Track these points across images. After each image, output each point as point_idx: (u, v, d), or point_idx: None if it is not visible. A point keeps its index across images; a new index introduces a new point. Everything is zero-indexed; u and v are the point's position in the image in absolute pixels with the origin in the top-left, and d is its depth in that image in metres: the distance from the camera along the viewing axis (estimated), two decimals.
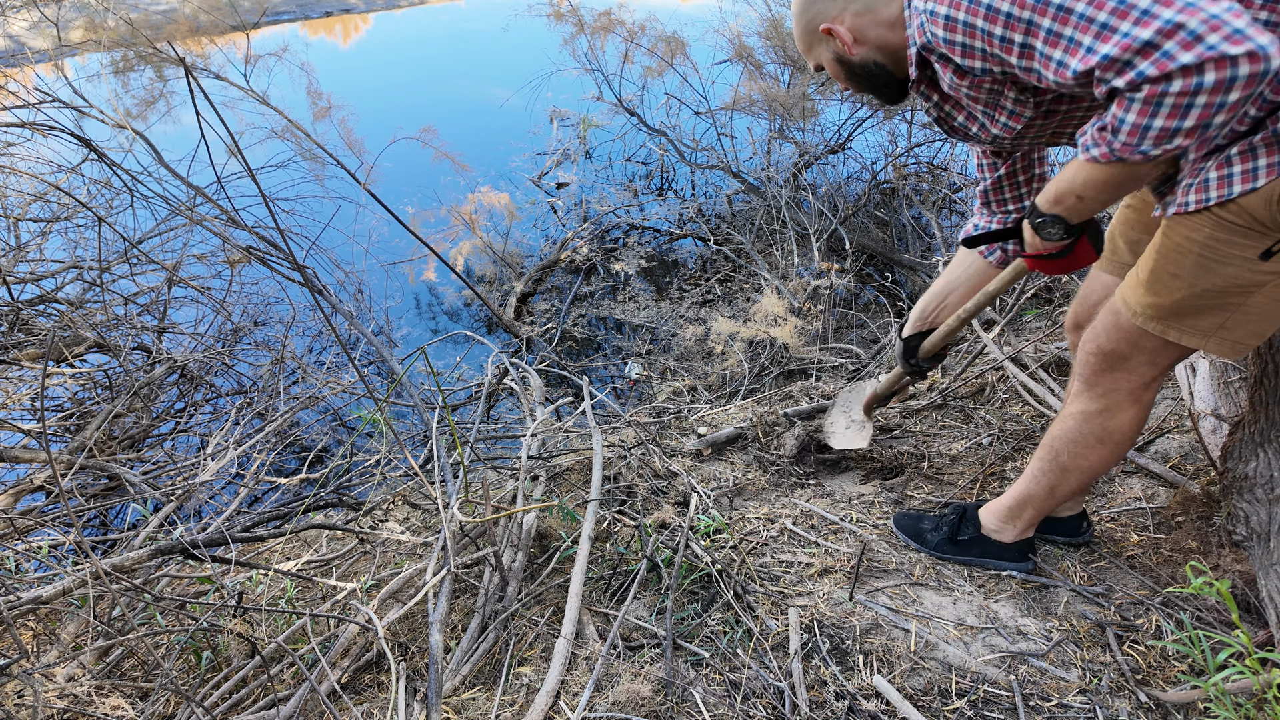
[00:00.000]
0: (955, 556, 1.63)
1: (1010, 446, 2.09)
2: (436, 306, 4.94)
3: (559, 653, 1.43)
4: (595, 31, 6.18)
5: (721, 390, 3.66)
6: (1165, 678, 1.31)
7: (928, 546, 1.67)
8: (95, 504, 2.58)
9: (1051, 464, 1.43)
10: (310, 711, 1.44)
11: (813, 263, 4.70)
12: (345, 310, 3.63)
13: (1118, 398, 1.32)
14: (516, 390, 2.74)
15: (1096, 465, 1.40)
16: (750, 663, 1.40)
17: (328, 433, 3.43)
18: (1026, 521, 1.54)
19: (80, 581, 1.34)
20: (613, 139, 6.69)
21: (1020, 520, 1.54)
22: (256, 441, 2.68)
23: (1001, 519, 1.57)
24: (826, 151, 5.90)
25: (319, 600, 1.87)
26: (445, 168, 5.63)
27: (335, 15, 12.59)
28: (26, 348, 3.12)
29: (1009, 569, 1.58)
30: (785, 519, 1.89)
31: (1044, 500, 1.48)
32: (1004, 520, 1.56)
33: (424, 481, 1.74)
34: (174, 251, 4.15)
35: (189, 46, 5.41)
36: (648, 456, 2.27)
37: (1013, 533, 1.56)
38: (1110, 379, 1.31)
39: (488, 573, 1.70)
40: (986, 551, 1.60)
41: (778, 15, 6.00)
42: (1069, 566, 1.60)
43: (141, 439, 3.13)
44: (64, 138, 3.87)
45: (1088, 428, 1.36)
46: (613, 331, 4.54)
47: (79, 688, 1.40)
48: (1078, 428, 1.37)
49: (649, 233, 5.63)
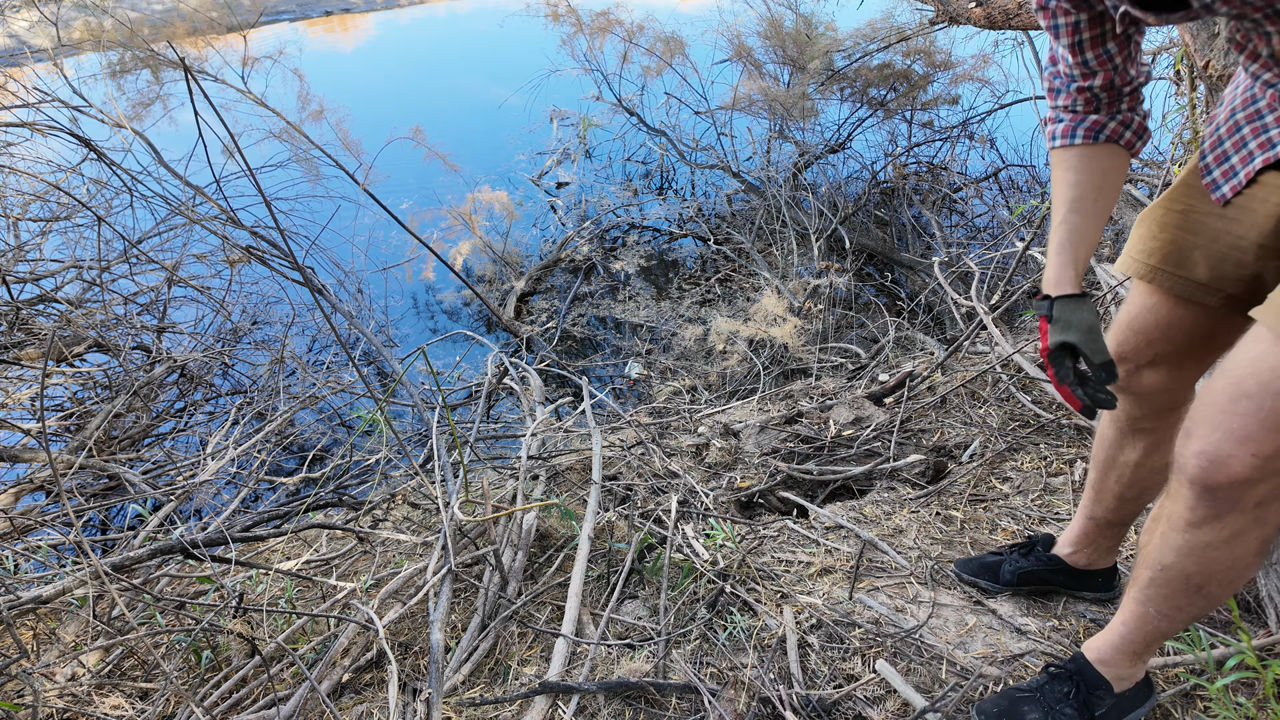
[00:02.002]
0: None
1: (1008, 445, 2.10)
2: (436, 306, 4.94)
3: (559, 652, 1.43)
4: (593, 31, 6.18)
5: (721, 390, 3.66)
6: (1165, 678, 1.31)
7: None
8: (95, 504, 2.58)
9: (1192, 596, 1.03)
10: (310, 711, 1.44)
11: (813, 262, 4.70)
12: (345, 310, 3.63)
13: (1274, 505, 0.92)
14: (516, 390, 2.74)
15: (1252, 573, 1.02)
16: (749, 661, 1.40)
17: (327, 432, 3.43)
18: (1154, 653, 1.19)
19: (80, 581, 1.34)
20: (612, 139, 6.69)
21: (1150, 655, 1.17)
22: (256, 441, 2.68)
23: (1128, 664, 1.17)
24: (826, 151, 5.90)
25: (319, 600, 1.87)
26: (444, 168, 5.63)
27: (335, 15, 12.59)
28: (26, 347, 3.12)
29: (1143, 712, 1.21)
30: (785, 519, 1.89)
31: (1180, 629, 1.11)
32: (1131, 664, 1.17)
33: (424, 481, 1.74)
34: (174, 251, 4.15)
35: (188, 46, 5.41)
36: (648, 456, 2.27)
37: (1142, 670, 1.19)
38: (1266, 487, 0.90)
39: (488, 572, 1.70)
40: (1124, 710, 1.18)
41: (777, 15, 6.01)
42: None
43: (141, 439, 3.13)
44: (63, 137, 3.87)
45: (1240, 549, 0.96)
46: (612, 331, 4.54)
47: (79, 688, 1.40)
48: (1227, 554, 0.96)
49: (649, 232, 5.63)
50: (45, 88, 4.12)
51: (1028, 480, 1.97)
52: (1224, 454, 0.88)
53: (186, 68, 1.45)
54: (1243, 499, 0.91)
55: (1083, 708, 1.16)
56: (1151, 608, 1.07)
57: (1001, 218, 4.85)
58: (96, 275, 3.61)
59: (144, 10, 7.45)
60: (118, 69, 5.31)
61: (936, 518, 1.87)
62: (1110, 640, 1.16)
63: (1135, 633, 1.12)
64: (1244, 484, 0.89)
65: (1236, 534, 0.94)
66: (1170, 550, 1.00)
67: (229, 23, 5.65)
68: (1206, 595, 1.02)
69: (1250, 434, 0.86)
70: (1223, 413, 0.88)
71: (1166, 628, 1.09)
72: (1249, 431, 0.86)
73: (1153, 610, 1.07)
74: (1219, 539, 0.95)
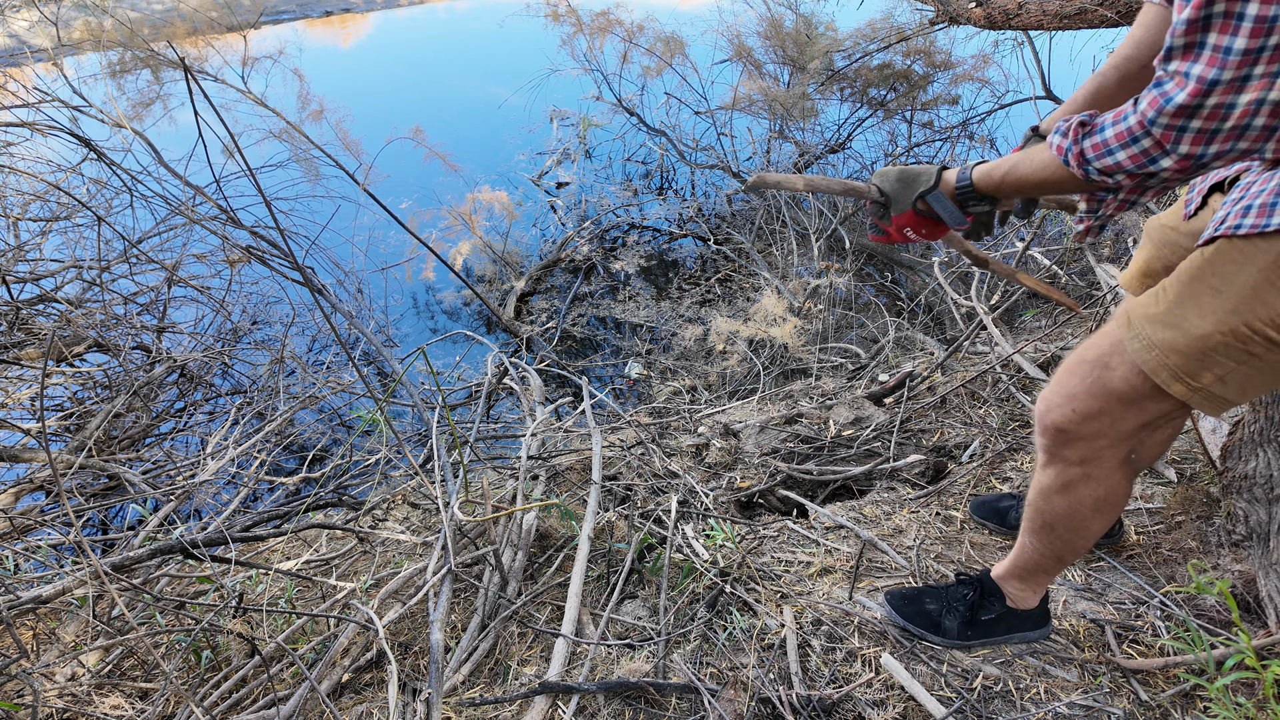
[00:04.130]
0: (984, 641, 1.39)
1: (1008, 445, 2.10)
2: (436, 306, 4.94)
3: (559, 652, 1.43)
4: (593, 31, 6.18)
5: (721, 390, 3.66)
6: (1165, 677, 1.31)
7: (949, 638, 1.40)
8: (95, 504, 2.58)
9: (1049, 536, 1.23)
10: (310, 711, 1.44)
11: (813, 262, 4.70)
12: (345, 310, 3.63)
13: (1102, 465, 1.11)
14: (516, 390, 2.74)
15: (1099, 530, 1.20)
16: (749, 661, 1.40)
17: (327, 432, 3.43)
18: (1043, 586, 1.37)
19: (80, 581, 1.34)
20: (612, 139, 6.69)
21: (1039, 587, 1.36)
22: (256, 441, 2.68)
23: (1019, 584, 1.36)
24: (826, 151, 5.90)
25: (319, 600, 1.87)
26: (444, 168, 5.64)
27: (335, 14, 12.59)
28: (26, 347, 3.12)
29: (1035, 636, 1.40)
30: (785, 519, 1.89)
31: (1056, 568, 1.29)
32: (1022, 585, 1.36)
33: (424, 481, 1.74)
34: (173, 251, 4.15)
35: (188, 45, 5.41)
36: (648, 456, 2.27)
37: (1034, 597, 1.37)
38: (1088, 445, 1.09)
39: (487, 572, 1.70)
40: (1014, 626, 1.38)
41: (777, 15, 6.01)
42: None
43: (141, 439, 3.13)
44: (63, 137, 3.87)
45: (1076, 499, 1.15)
46: (612, 331, 4.54)
47: (79, 687, 1.40)
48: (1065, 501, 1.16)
49: (649, 232, 5.63)
50: (45, 88, 4.12)
51: (1027, 480, 1.97)
52: (1053, 404, 1.09)
53: (186, 68, 1.45)
54: (1064, 450, 1.10)
55: (972, 608, 1.38)
56: (1025, 537, 1.28)
57: None
58: (96, 275, 3.61)
59: (144, 10, 7.45)
60: (118, 69, 5.31)
61: (936, 518, 1.87)
62: (1006, 560, 1.37)
63: (1018, 558, 1.32)
64: (1062, 434, 1.09)
65: (1068, 483, 1.13)
66: (1033, 487, 1.21)
67: (229, 23, 5.65)
68: (1059, 537, 1.21)
69: (1074, 392, 1.06)
70: (1065, 372, 1.08)
71: (1037, 560, 1.28)
72: (1073, 390, 1.06)
73: (1025, 540, 1.28)
74: (1054, 484, 1.15)
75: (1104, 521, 1.17)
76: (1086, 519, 1.17)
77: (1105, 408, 1.04)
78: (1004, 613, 1.37)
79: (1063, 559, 1.26)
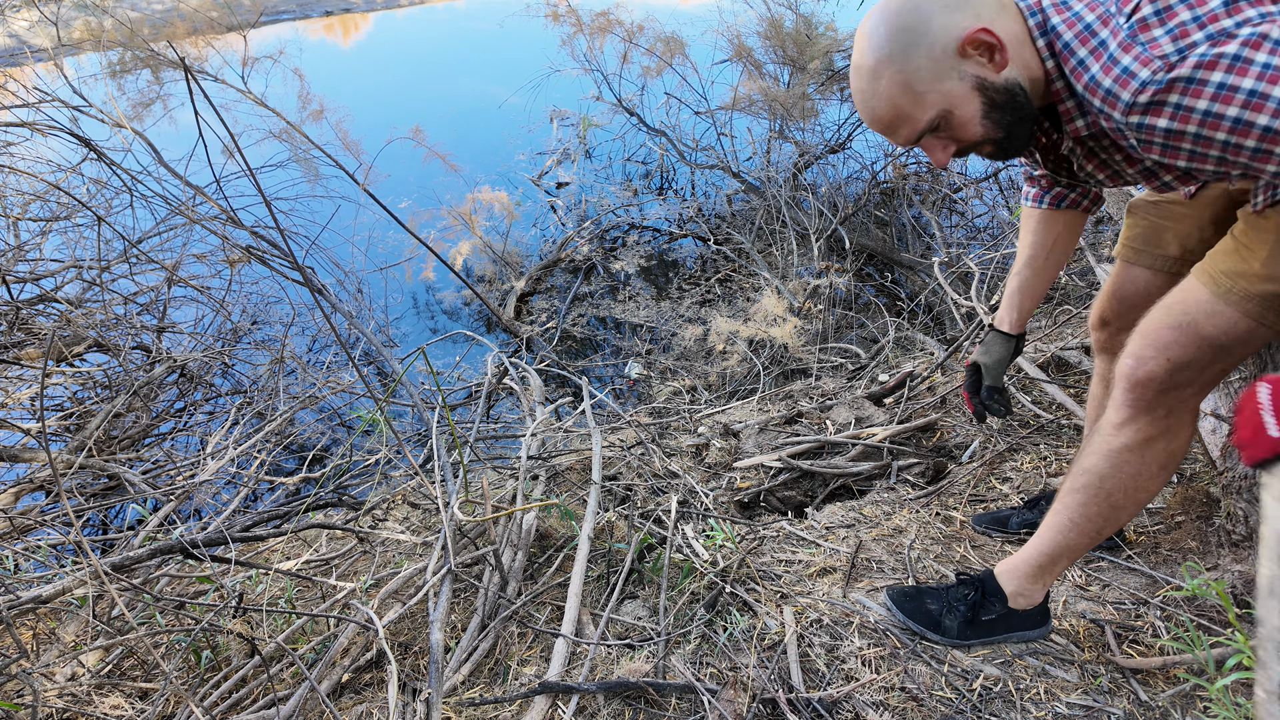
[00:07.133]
0: (983, 641, 1.39)
1: (1008, 445, 2.10)
2: (436, 306, 4.94)
3: (559, 652, 1.43)
4: (593, 31, 6.18)
5: (721, 390, 3.66)
6: (1165, 678, 1.31)
7: (948, 636, 1.40)
8: (95, 504, 2.58)
9: (1102, 505, 1.20)
10: (310, 711, 1.44)
11: (812, 262, 4.70)
12: (345, 310, 3.63)
13: (1183, 416, 1.14)
14: (516, 390, 2.74)
15: (1153, 495, 1.19)
16: (749, 661, 1.40)
17: (327, 432, 3.43)
18: (1056, 576, 1.33)
19: (80, 581, 1.34)
20: (612, 139, 6.69)
21: (1051, 576, 1.33)
22: (256, 441, 2.68)
23: (1029, 579, 1.34)
24: (826, 151, 5.90)
25: (319, 600, 1.87)
26: (444, 168, 5.64)
27: (335, 14, 12.59)
28: (26, 347, 3.12)
29: (1035, 636, 1.39)
30: (784, 520, 1.89)
31: (1086, 548, 1.26)
32: (1032, 580, 1.34)
33: (424, 481, 1.74)
34: (174, 251, 4.15)
35: (188, 45, 5.41)
36: (648, 456, 2.27)
37: (1041, 593, 1.35)
38: (1176, 396, 1.11)
39: (487, 572, 1.70)
40: (1014, 625, 1.38)
41: (777, 15, 6.01)
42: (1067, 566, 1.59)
43: (141, 439, 3.13)
44: (63, 137, 3.87)
45: (1150, 457, 1.15)
46: (612, 331, 4.54)
47: (79, 687, 1.40)
48: (1138, 460, 1.15)
49: (649, 232, 5.63)
50: (45, 88, 4.12)
51: (1028, 480, 1.97)
52: (1147, 356, 1.11)
53: (186, 68, 1.45)
54: (1156, 402, 1.12)
55: (973, 608, 1.38)
56: (1065, 516, 1.24)
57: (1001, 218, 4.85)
58: (96, 275, 3.61)
59: (144, 10, 7.45)
60: (118, 69, 5.31)
61: (936, 518, 1.87)
62: (1022, 554, 1.34)
63: (1046, 544, 1.28)
64: (1158, 385, 1.11)
65: (1148, 440, 1.14)
66: (1093, 454, 1.19)
67: (229, 23, 5.65)
68: (1113, 504, 1.19)
69: (1167, 343, 1.10)
70: (1152, 328, 1.12)
71: (1075, 540, 1.24)
72: (1166, 341, 1.10)
73: (1066, 518, 1.24)
74: (1135, 441, 1.15)
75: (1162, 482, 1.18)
76: (1150, 479, 1.17)
77: (1198, 357, 1.09)
78: (1004, 613, 1.38)
79: (1101, 534, 1.24)
